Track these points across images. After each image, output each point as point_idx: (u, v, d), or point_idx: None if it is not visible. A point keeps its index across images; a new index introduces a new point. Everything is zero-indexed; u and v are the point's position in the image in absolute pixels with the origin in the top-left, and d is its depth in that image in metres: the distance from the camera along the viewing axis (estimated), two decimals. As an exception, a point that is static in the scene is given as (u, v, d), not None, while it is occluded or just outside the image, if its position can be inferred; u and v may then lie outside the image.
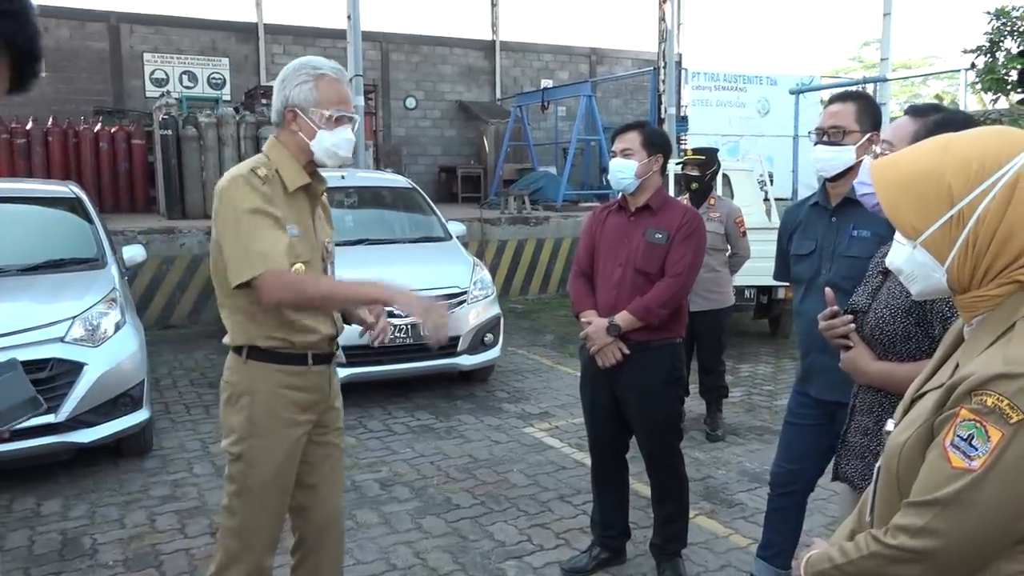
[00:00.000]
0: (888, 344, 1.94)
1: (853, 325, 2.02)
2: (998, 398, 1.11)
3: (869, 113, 2.71)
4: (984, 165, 1.18)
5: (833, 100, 2.80)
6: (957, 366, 1.25)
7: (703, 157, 5.53)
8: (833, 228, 2.79)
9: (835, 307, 2.05)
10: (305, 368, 2.45)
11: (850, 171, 2.70)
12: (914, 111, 2.16)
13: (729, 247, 5.47)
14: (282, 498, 2.48)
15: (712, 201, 5.48)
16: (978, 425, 1.12)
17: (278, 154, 2.43)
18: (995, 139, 1.20)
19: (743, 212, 5.71)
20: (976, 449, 1.12)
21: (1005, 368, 1.12)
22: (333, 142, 2.40)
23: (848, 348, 2.02)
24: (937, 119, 1.96)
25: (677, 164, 7.68)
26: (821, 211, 2.87)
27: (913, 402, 1.34)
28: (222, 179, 2.36)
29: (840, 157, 2.71)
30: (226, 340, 2.48)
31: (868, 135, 2.69)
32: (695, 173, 5.46)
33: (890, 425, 1.40)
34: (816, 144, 2.77)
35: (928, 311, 1.89)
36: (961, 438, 1.14)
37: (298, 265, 2.35)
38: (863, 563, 1.26)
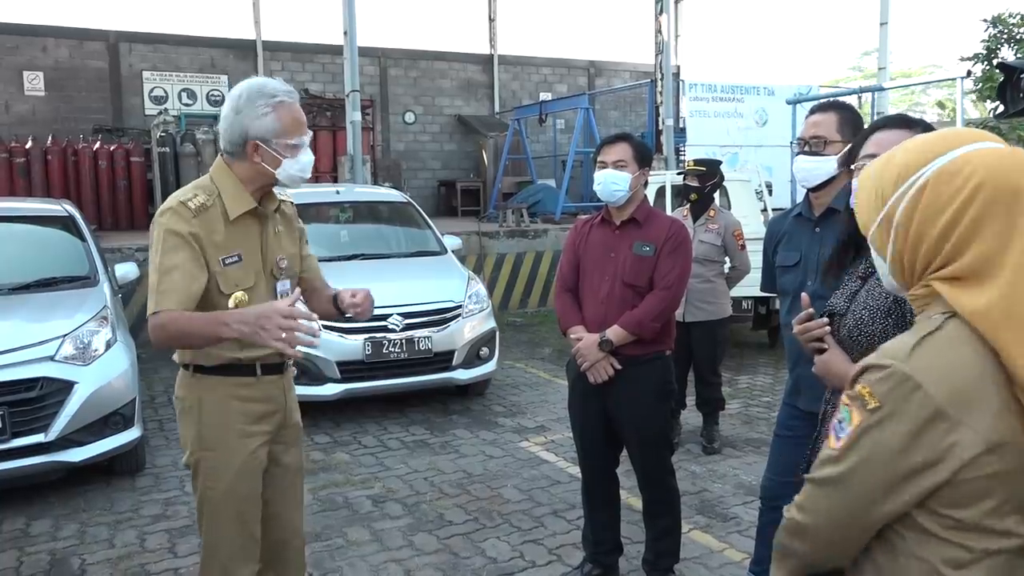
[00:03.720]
0: (867, 346, 1.89)
1: (828, 328, 1.98)
2: (863, 386, 1.17)
3: (851, 123, 2.69)
4: (909, 166, 1.22)
5: (815, 110, 2.78)
6: None
7: (703, 168, 5.50)
8: (817, 239, 2.77)
9: (810, 310, 2.03)
10: (254, 379, 2.46)
11: (832, 181, 2.70)
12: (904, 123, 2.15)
13: (728, 260, 5.44)
14: (243, 508, 2.46)
15: (712, 212, 5.45)
16: (848, 409, 1.20)
17: (224, 180, 2.41)
18: (922, 144, 1.24)
19: (741, 223, 5.68)
20: (844, 431, 1.20)
21: (875, 359, 1.18)
22: (298, 168, 2.41)
23: (822, 351, 1.99)
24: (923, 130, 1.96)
25: (678, 174, 7.66)
26: (805, 222, 2.85)
27: None
28: (160, 207, 2.37)
29: (821, 167, 2.69)
30: (175, 357, 2.49)
31: (849, 145, 2.67)
32: (695, 184, 5.44)
33: None
34: (798, 154, 2.75)
35: (907, 311, 1.85)
36: (839, 421, 1.22)
37: (239, 293, 2.37)
38: (778, 535, 1.34)
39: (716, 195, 5.97)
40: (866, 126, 2.23)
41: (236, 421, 2.42)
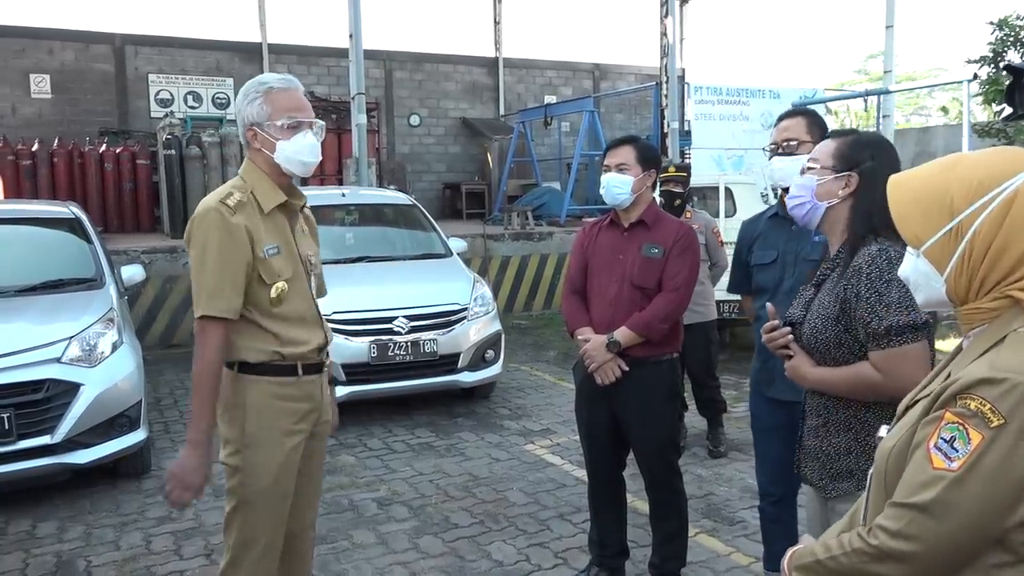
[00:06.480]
0: (824, 351, 2.05)
1: (792, 336, 2.12)
2: (981, 402, 1.16)
3: (818, 125, 2.88)
4: (984, 183, 1.24)
5: (783, 117, 2.95)
6: (949, 375, 1.28)
7: (685, 174, 5.55)
8: (795, 236, 2.92)
9: (776, 320, 2.19)
10: (295, 378, 2.51)
11: None
12: (833, 135, 2.34)
13: (708, 258, 5.47)
14: (281, 507, 2.52)
15: (688, 214, 5.50)
16: (960, 428, 1.17)
17: (252, 175, 2.49)
18: (999, 159, 1.27)
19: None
20: (957, 451, 1.17)
21: (990, 373, 1.17)
22: (294, 150, 2.45)
23: (790, 357, 2.13)
24: (851, 139, 2.16)
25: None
26: (781, 221, 3.00)
27: (907, 410, 1.37)
28: (198, 208, 2.40)
29: (796, 166, 2.79)
30: None
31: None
32: (678, 189, 5.44)
33: (883, 431, 1.44)
34: (771, 157, 2.90)
35: (851, 318, 1.99)
36: (944, 440, 1.19)
37: (280, 284, 2.43)
38: (844, 559, 1.30)
39: (721, 196, 5.99)
40: (870, 129, 2.31)
41: (280, 420, 2.47)
